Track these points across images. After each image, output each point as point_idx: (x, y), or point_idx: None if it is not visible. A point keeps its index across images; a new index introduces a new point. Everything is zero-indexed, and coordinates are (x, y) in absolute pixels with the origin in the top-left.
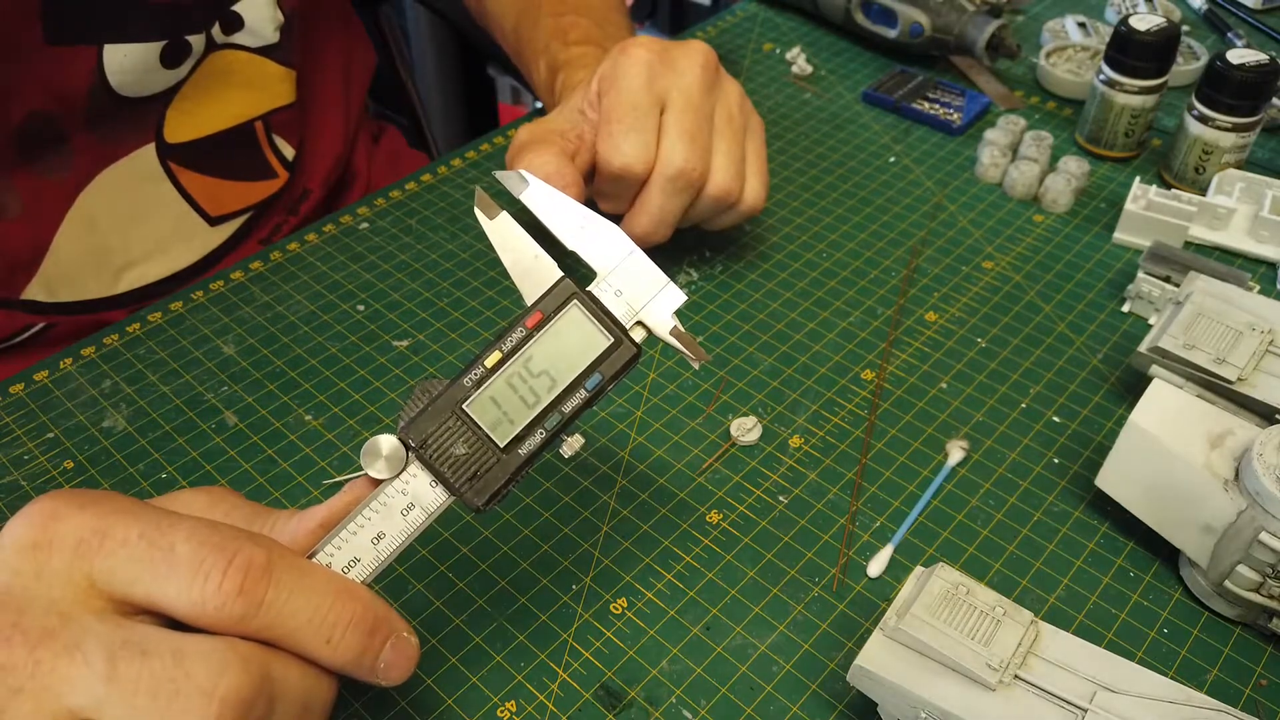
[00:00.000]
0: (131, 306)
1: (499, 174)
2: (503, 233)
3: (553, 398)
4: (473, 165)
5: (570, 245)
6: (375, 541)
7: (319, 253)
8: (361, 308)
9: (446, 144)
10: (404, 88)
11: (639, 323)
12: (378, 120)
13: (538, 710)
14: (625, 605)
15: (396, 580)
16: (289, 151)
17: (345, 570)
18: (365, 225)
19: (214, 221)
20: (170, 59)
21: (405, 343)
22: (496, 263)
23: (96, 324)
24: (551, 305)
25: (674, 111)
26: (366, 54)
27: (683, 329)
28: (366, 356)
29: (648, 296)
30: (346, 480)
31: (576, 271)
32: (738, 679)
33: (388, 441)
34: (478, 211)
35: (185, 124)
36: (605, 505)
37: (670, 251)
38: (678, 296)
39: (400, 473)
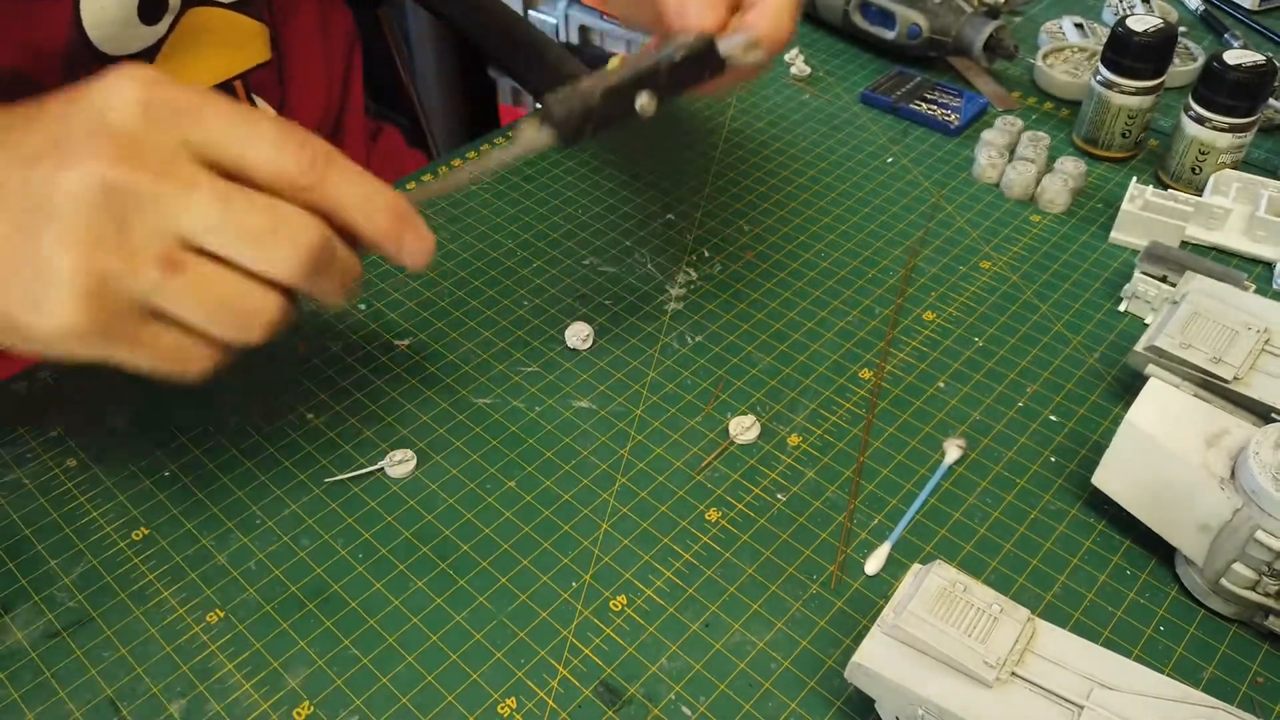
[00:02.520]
0: None
1: None
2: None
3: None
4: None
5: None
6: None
7: None
8: (363, 307)
9: (446, 144)
10: (404, 88)
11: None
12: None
13: (538, 707)
14: (625, 602)
15: (397, 578)
16: (270, 111)
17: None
18: None
19: None
20: (147, 14)
21: (406, 342)
22: (497, 262)
23: None
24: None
25: None
26: (345, 21)
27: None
28: (368, 355)
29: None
30: (347, 479)
31: None
32: (736, 676)
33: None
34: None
35: None
36: (605, 503)
37: (670, 251)
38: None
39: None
